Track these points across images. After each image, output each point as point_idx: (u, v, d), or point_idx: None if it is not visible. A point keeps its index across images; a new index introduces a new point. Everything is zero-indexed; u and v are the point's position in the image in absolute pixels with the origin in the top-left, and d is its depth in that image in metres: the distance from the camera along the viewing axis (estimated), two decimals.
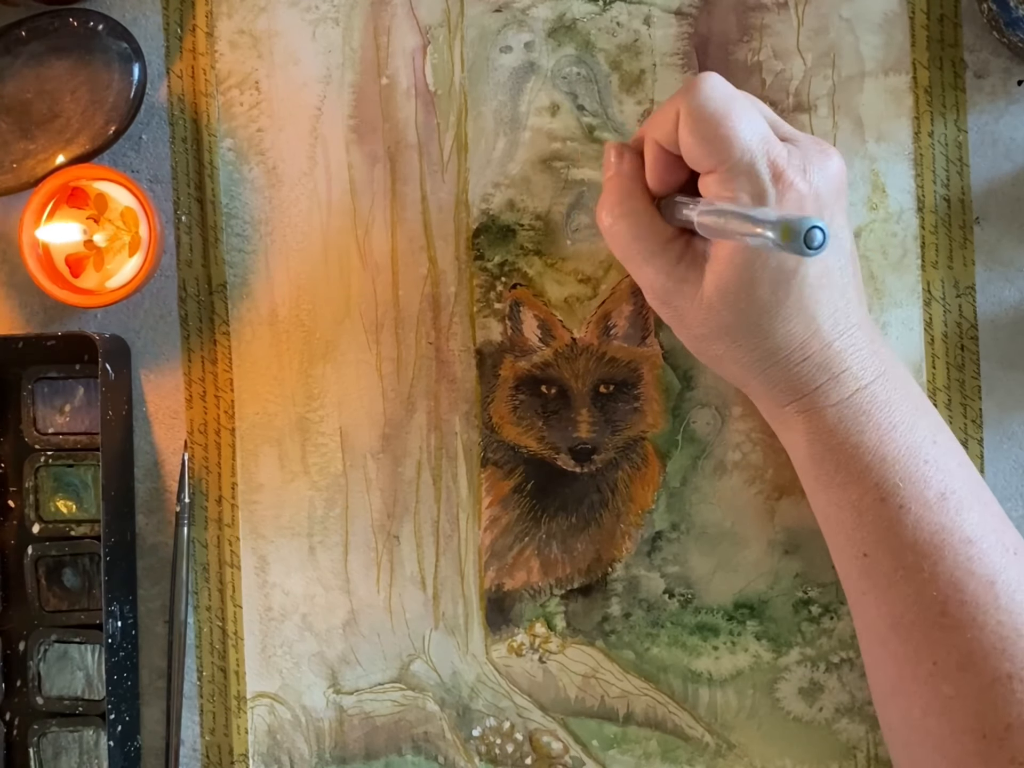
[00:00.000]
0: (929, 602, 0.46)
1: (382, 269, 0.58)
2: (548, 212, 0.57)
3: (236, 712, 0.58)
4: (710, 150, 0.46)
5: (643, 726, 0.57)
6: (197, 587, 0.58)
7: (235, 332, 0.58)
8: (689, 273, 0.48)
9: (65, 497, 0.58)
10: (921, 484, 0.47)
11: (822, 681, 0.56)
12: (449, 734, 0.58)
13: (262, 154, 0.58)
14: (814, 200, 0.46)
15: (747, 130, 0.46)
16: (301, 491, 0.58)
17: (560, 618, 0.57)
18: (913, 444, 0.48)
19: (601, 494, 0.57)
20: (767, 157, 0.45)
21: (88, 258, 0.57)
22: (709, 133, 0.46)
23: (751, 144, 0.45)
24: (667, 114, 0.47)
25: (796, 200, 0.46)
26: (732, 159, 0.45)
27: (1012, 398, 0.56)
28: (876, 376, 0.48)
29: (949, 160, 0.56)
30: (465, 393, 0.58)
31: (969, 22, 0.56)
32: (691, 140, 0.46)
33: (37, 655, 0.58)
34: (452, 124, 0.58)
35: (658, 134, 0.48)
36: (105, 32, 0.56)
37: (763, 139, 0.46)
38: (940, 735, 0.46)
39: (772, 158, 0.45)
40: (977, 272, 0.56)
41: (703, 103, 0.46)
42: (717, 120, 0.46)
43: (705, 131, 0.46)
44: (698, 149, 0.46)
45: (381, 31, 0.58)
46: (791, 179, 0.45)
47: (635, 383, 0.57)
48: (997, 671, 0.45)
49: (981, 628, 0.45)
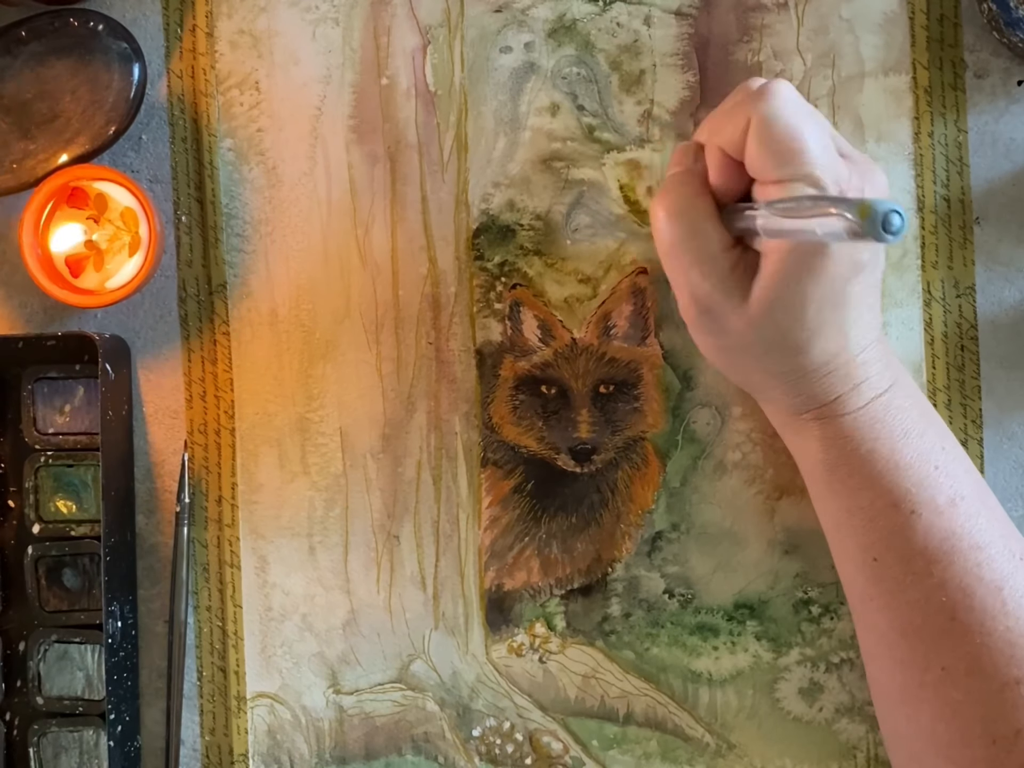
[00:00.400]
0: (938, 608, 0.46)
1: (382, 269, 0.58)
2: (548, 212, 0.57)
3: (236, 712, 0.58)
4: (780, 161, 0.45)
5: (643, 726, 0.57)
6: (197, 587, 0.58)
7: (235, 332, 0.58)
8: (737, 285, 0.47)
9: (65, 497, 0.58)
10: (932, 490, 0.47)
11: (822, 681, 0.56)
12: (449, 734, 0.58)
13: (262, 154, 0.58)
14: None
15: (819, 144, 0.45)
16: (301, 491, 0.58)
17: (560, 618, 0.57)
18: (924, 451, 0.48)
19: (601, 494, 0.57)
20: (833, 171, 0.45)
21: (88, 258, 0.57)
22: (781, 145, 0.45)
23: (821, 159, 0.45)
24: (735, 120, 0.46)
25: None
26: (802, 172, 0.45)
27: (1012, 398, 0.56)
28: (890, 385, 0.48)
29: (949, 160, 0.56)
30: (465, 393, 0.58)
31: (969, 22, 0.56)
32: (761, 150, 0.45)
33: (37, 655, 0.58)
34: (452, 124, 0.58)
35: (722, 140, 0.47)
36: (105, 32, 0.56)
37: (830, 154, 0.45)
38: (949, 741, 0.46)
39: (837, 176, 0.45)
40: (977, 272, 0.56)
41: (777, 112, 0.45)
42: (791, 132, 0.45)
43: (778, 142, 0.45)
44: (768, 160, 0.45)
45: (381, 31, 0.58)
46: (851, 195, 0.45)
47: (635, 383, 0.57)
48: (1006, 676, 0.45)
49: (990, 634, 0.45)
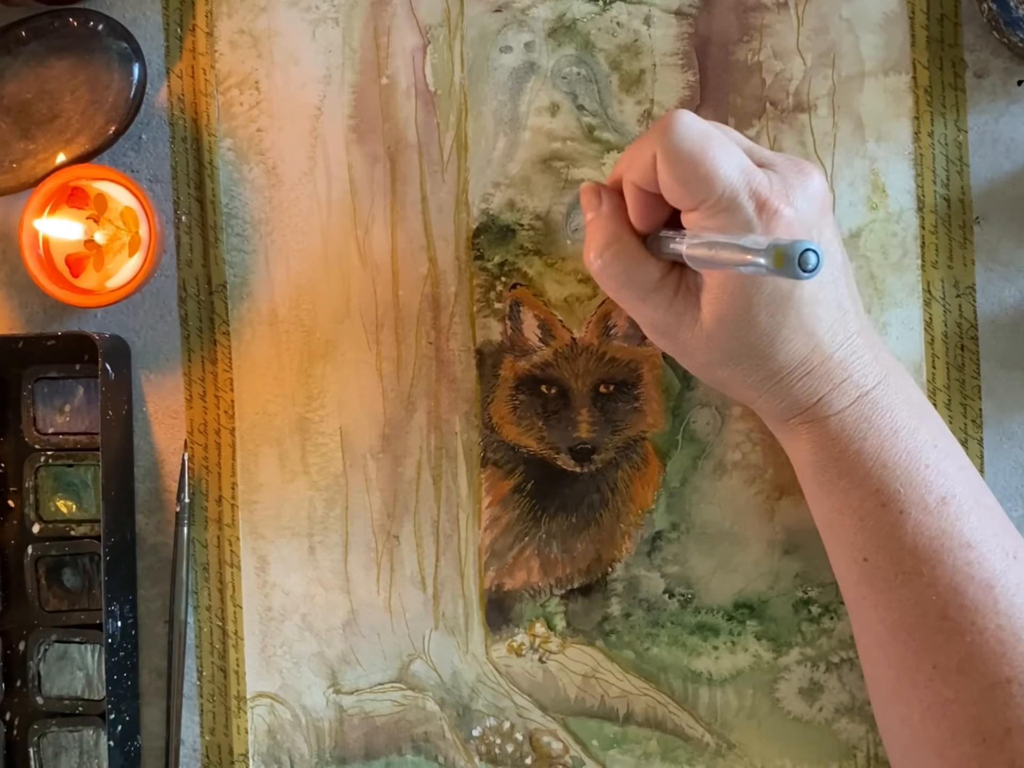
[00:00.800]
0: (928, 606, 0.46)
1: (382, 269, 0.58)
2: (548, 212, 0.57)
3: (236, 712, 0.58)
4: (690, 190, 0.45)
5: (643, 726, 0.57)
6: (197, 587, 0.58)
7: (235, 332, 0.58)
8: (686, 306, 0.48)
9: (65, 497, 0.58)
10: (922, 489, 0.47)
11: (822, 681, 0.56)
12: (449, 734, 0.58)
13: (262, 154, 0.58)
14: (801, 223, 0.46)
15: (726, 165, 0.45)
16: (301, 491, 0.58)
17: (560, 618, 0.57)
18: (914, 449, 0.48)
19: (601, 494, 0.57)
20: (749, 188, 0.45)
21: (88, 258, 0.57)
22: (688, 174, 0.45)
23: (731, 179, 0.45)
24: (643, 155, 0.47)
25: (784, 227, 0.45)
26: (714, 196, 0.45)
27: (1012, 398, 0.56)
28: (877, 382, 0.48)
29: (949, 160, 0.56)
30: (465, 393, 0.58)
31: (969, 22, 0.56)
32: (670, 181, 0.46)
33: (37, 655, 0.58)
34: (452, 124, 0.58)
35: (635, 176, 0.48)
36: (105, 32, 0.56)
37: (743, 171, 0.45)
38: (940, 739, 0.46)
39: (754, 189, 0.45)
40: (977, 272, 0.56)
41: (679, 144, 0.45)
42: (695, 159, 0.45)
43: (683, 172, 0.45)
44: (678, 190, 0.46)
45: (381, 31, 0.58)
46: (775, 207, 0.45)
47: (635, 383, 0.57)
48: (996, 675, 0.45)
49: (980, 632, 0.45)
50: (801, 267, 0.38)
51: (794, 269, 0.38)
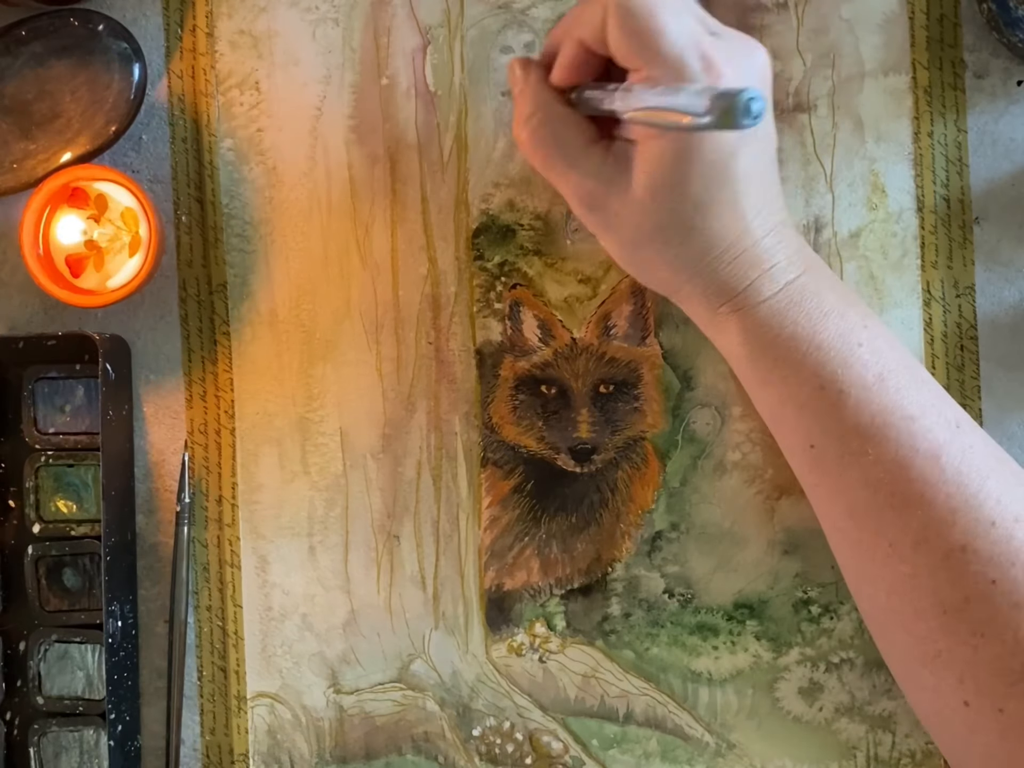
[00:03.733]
0: (877, 484, 0.46)
1: (382, 269, 0.58)
2: (548, 212, 0.57)
3: (236, 712, 0.58)
4: (640, 43, 0.45)
5: (643, 726, 0.57)
6: (197, 587, 0.58)
7: (235, 332, 0.58)
8: (616, 174, 0.48)
9: (65, 497, 0.58)
10: (859, 367, 0.47)
11: (822, 681, 0.56)
12: (449, 734, 0.58)
13: (262, 154, 0.58)
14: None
15: (676, 23, 0.45)
16: (301, 491, 0.58)
17: (560, 618, 0.58)
18: (845, 330, 0.48)
19: (601, 494, 0.57)
20: (697, 48, 0.45)
21: (88, 258, 0.57)
22: (639, 26, 0.45)
23: (681, 37, 0.45)
24: (593, 10, 0.47)
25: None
26: (662, 52, 0.45)
27: (1012, 398, 0.56)
28: (804, 269, 0.48)
29: (949, 160, 0.56)
30: (465, 393, 0.58)
31: (969, 22, 0.56)
32: (620, 35, 0.46)
33: (37, 655, 0.58)
34: (452, 124, 0.58)
35: (583, 32, 0.48)
36: (105, 32, 0.56)
37: (692, 32, 0.45)
38: (904, 614, 0.46)
39: (702, 49, 0.45)
40: (977, 272, 0.56)
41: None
42: (647, 14, 0.45)
43: (634, 25, 0.45)
44: (627, 43, 0.46)
45: (381, 31, 0.58)
46: (721, 69, 0.45)
47: (635, 383, 0.57)
48: (950, 544, 0.45)
49: (931, 504, 0.45)
50: (745, 114, 0.37)
51: (736, 117, 0.37)
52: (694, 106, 0.39)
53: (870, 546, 0.47)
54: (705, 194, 0.46)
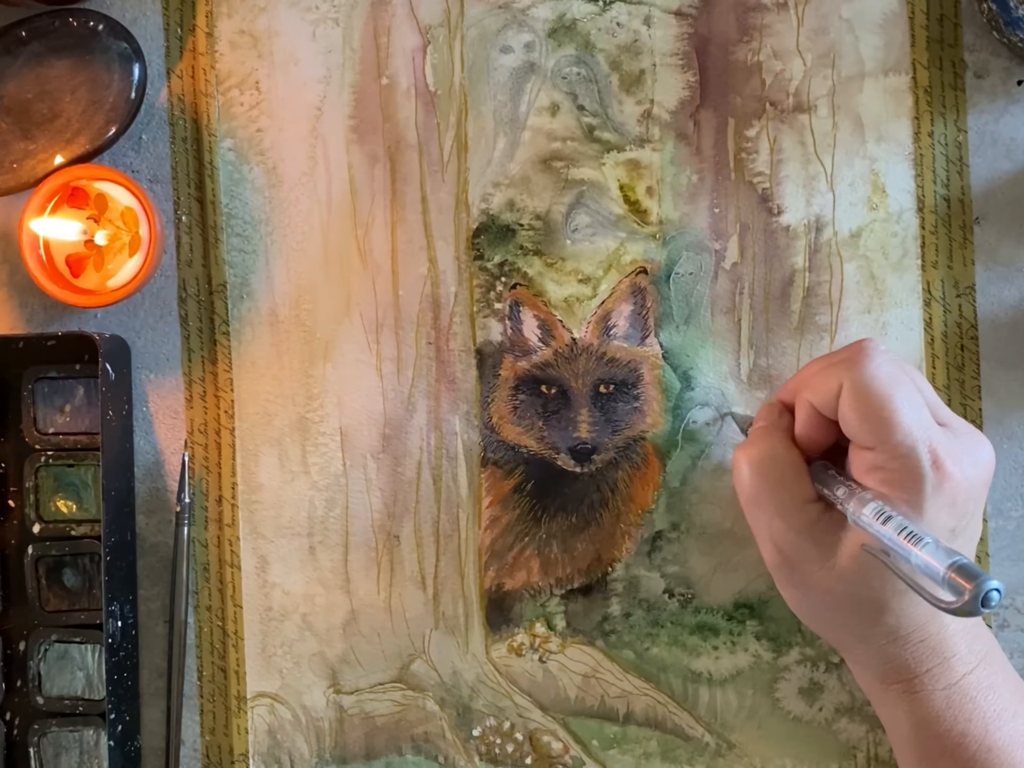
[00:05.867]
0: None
1: (382, 269, 0.58)
2: (548, 212, 0.57)
3: (236, 712, 0.58)
4: (872, 428, 0.45)
5: (643, 726, 0.57)
6: (197, 587, 0.58)
7: (235, 332, 0.58)
8: (824, 536, 0.47)
9: (65, 497, 0.58)
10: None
11: (822, 681, 0.56)
12: (449, 734, 0.58)
13: (262, 154, 0.58)
14: (966, 491, 0.45)
15: (911, 413, 0.45)
16: (301, 491, 0.58)
17: (560, 618, 0.57)
18: (1016, 733, 0.47)
19: (601, 494, 0.57)
20: (929, 443, 0.44)
21: (88, 258, 0.57)
22: (873, 413, 0.45)
23: (914, 429, 0.44)
24: (827, 381, 0.47)
25: (951, 491, 0.45)
26: (894, 441, 0.44)
27: (1012, 398, 0.56)
28: (980, 660, 0.48)
29: (949, 160, 0.56)
30: (465, 393, 0.58)
31: (969, 22, 0.56)
32: (853, 415, 0.45)
33: (37, 655, 0.58)
34: (452, 124, 0.58)
35: (815, 398, 0.47)
36: (105, 32, 0.56)
37: (924, 425, 0.45)
38: None
39: (933, 445, 0.45)
40: (977, 272, 0.56)
41: (869, 381, 0.45)
42: (883, 400, 0.45)
43: (869, 410, 0.45)
44: (859, 425, 0.45)
45: (381, 31, 0.58)
46: (950, 469, 0.45)
47: (635, 383, 0.57)
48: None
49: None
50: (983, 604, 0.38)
51: (975, 604, 0.38)
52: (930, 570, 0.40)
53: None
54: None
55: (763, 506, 0.48)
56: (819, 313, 0.56)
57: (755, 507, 0.49)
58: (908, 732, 0.49)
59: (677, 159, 0.57)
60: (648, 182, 0.57)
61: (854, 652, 0.50)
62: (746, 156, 0.57)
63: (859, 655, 0.49)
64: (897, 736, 0.50)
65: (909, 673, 0.48)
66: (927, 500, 0.44)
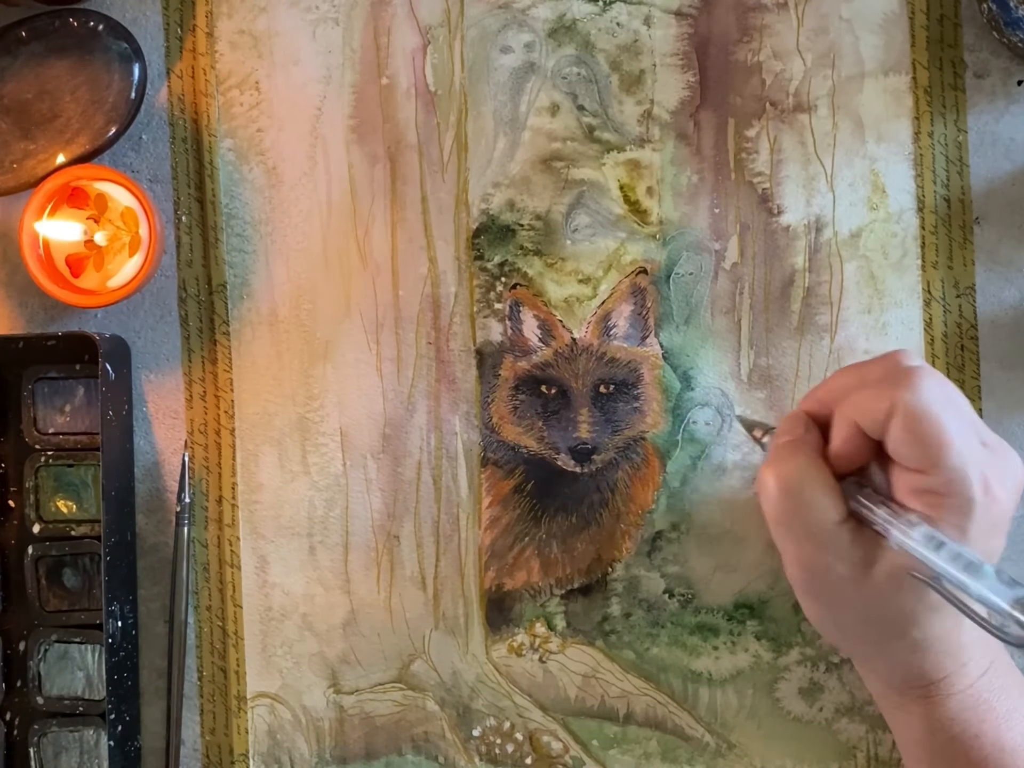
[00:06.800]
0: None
1: (382, 269, 0.58)
2: (548, 212, 0.57)
3: (236, 712, 0.58)
4: (925, 452, 0.44)
5: (643, 726, 0.57)
6: (197, 587, 0.58)
7: (235, 332, 0.58)
8: (859, 556, 0.46)
9: (65, 497, 0.58)
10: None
11: (822, 681, 0.56)
12: (449, 734, 0.58)
13: (262, 154, 0.58)
14: (1008, 512, 0.45)
15: (963, 437, 0.44)
16: (301, 491, 0.58)
17: (560, 618, 0.57)
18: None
19: (601, 494, 0.57)
20: (979, 467, 0.44)
21: (88, 258, 0.57)
22: (927, 435, 0.44)
23: (965, 452, 0.44)
24: (876, 401, 0.45)
25: (997, 514, 0.44)
26: (947, 465, 0.44)
27: (1012, 398, 0.56)
28: (991, 663, 0.48)
29: (949, 160, 0.56)
30: (465, 393, 0.58)
31: (969, 22, 0.56)
32: (906, 438, 0.44)
33: (37, 655, 0.58)
34: (452, 124, 0.58)
35: (862, 418, 0.46)
36: (105, 32, 0.56)
37: (974, 448, 0.44)
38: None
39: (983, 469, 0.44)
40: (977, 272, 0.56)
41: (925, 404, 0.44)
42: (939, 425, 0.44)
43: (923, 432, 0.44)
44: (912, 449, 0.44)
45: (381, 31, 0.58)
46: (998, 494, 0.44)
47: (635, 383, 0.57)
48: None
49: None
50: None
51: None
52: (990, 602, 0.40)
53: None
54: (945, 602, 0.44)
55: (790, 528, 0.47)
56: (819, 313, 0.56)
57: (783, 528, 0.48)
58: (921, 735, 0.49)
59: (677, 159, 0.57)
60: (648, 182, 0.57)
61: (873, 662, 0.50)
62: (746, 156, 0.57)
63: (878, 664, 0.49)
64: (908, 739, 0.50)
65: (926, 680, 0.48)
66: (975, 524, 0.44)
